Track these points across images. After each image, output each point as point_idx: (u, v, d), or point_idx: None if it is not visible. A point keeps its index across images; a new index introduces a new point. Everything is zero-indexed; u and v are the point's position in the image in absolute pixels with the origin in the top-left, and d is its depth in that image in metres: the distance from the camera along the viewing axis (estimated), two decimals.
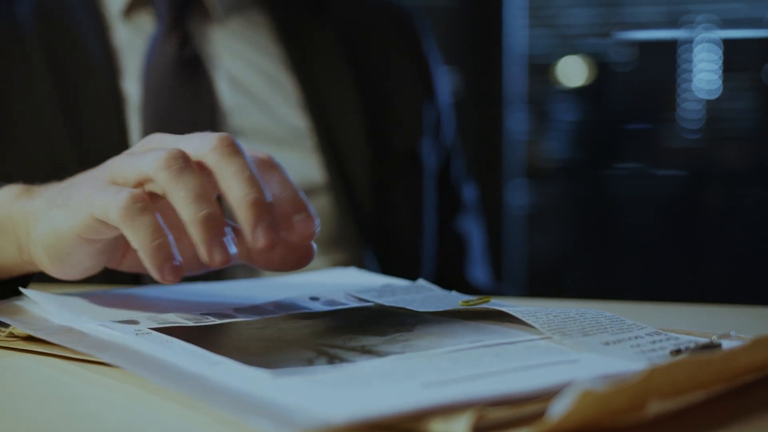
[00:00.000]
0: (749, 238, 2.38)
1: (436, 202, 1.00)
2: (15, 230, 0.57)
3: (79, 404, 0.44)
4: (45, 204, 0.55)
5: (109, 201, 0.51)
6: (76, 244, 0.54)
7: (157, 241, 0.50)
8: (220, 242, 0.50)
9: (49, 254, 0.55)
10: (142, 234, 0.50)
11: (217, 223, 0.50)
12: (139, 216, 0.50)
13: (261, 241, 0.50)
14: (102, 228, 0.52)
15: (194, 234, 0.50)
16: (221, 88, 0.88)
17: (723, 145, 2.39)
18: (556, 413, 0.35)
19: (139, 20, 0.89)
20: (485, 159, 2.20)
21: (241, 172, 0.51)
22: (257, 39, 0.93)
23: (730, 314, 0.67)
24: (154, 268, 0.50)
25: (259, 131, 0.88)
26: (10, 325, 0.53)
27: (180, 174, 0.50)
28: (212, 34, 0.91)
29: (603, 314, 0.52)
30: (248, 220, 0.50)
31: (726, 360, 0.42)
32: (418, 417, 0.37)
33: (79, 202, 0.52)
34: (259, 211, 0.50)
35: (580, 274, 2.48)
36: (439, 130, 1.02)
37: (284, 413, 0.37)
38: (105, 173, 0.54)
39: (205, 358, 0.46)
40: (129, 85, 0.86)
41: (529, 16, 2.33)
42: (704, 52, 2.32)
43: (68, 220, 0.53)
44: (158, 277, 0.50)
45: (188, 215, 0.50)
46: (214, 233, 0.50)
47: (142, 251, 0.50)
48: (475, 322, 0.53)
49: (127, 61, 0.87)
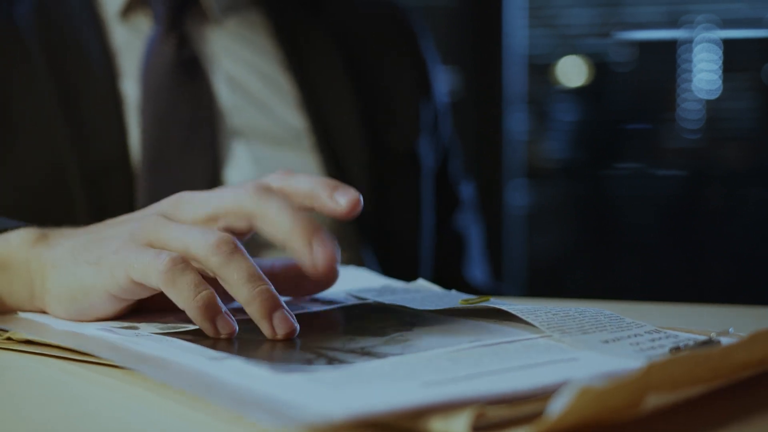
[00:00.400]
0: (749, 238, 2.38)
1: (434, 200, 1.00)
2: (29, 276, 0.57)
3: (79, 404, 0.44)
4: (68, 256, 0.55)
5: (150, 264, 0.51)
6: (105, 300, 0.54)
7: (200, 294, 0.50)
8: (281, 315, 0.50)
9: (66, 306, 0.55)
10: (185, 292, 0.50)
11: (274, 297, 0.51)
12: (181, 276, 0.50)
13: (319, 261, 0.52)
14: (138, 289, 0.53)
15: (254, 312, 0.50)
16: (219, 88, 0.89)
17: (723, 145, 2.39)
18: (554, 411, 0.35)
19: (136, 21, 0.89)
20: (485, 159, 2.20)
21: (282, 206, 0.53)
22: (254, 39, 0.93)
23: (730, 314, 0.67)
24: (205, 322, 0.50)
25: (258, 131, 0.88)
26: (8, 330, 0.54)
27: (231, 257, 0.51)
28: (210, 34, 0.91)
29: (602, 312, 0.53)
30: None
31: (724, 356, 0.42)
32: (417, 415, 0.37)
33: (114, 263, 0.52)
34: (310, 230, 0.52)
35: (580, 274, 2.48)
36: (436, 128, 1.02)
37: (284, 409, 0.37)
38: (140, 234, 0.53)
39: (204, 355, 0.46)
40: (128, 86, 0.86)
41: (529, 16, 2.33)
42: (704, 52, 2.32)
43: (100, 279, 0.53)
44: (212, 333, 0.51)
45: (245, 295, 0.50)
46: (271, 307, 0.50)
47: (189, 309, 0.51)
48: (474, 321, 0.53)
49: (126, 62, 0.87)
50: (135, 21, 0.89)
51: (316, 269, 0.52)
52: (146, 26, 0.89)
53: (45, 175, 0.82)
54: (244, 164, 0.86)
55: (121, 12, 0.89)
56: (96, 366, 0.48)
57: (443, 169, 1.03)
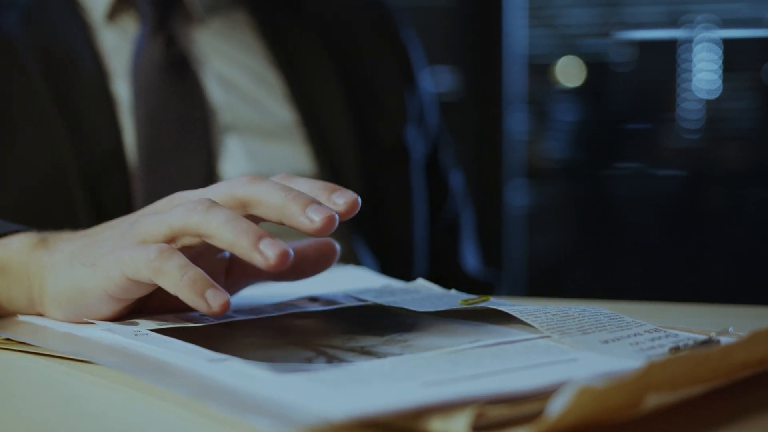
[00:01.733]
0: (749, 238, 2.38)
1: (425, 190, 1.01)
2: (29, 281, 0.57)
3: (79, 404, 0.44)
4: (65, 260, 0.55)
5: (139, 258, 0.51)
6: (103, 301, 0.54)
7: (186, 274, 0.50)
8: (270, 242, 0.50)
9: (64, 309, 0.55)
10: (173, 275, 0.50)
11: (258, 231, 0.50)
12: (167, 261, 0.51)
13: (318, 223, 0.51)
14: (134, 287, 0.53)
15: (240, 249, 0.50)
16: (210, 86, 0.90)
17: (723, 145, 2.39)
18: (554, 411, 0.35)
19: (123, 24, 0.91)
20: (485, 159, 2.20)
21: (273, 185, 0.52)
22: (240, 38, 0.94)
23: (730, 314, 0.67)
24: (196, 298, 0.50)
25: (250, 126, 0.90)
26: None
27: (208, 210, 0.51)
28: (195, 34, 0.93)
29: (602, 312, 0.53)
30: (296, 211, 0.51)
31: (724, 355, 0.42)
32: (417, 415, 0.37)
33: (109, 263, 0.53)
34: (304, 199, 0.51)
35: (580, 274, 2.48)
36: (422, 117, 1.03)
37: (284, 411, 0.37)
38: (132, 233, 0.54)
39: (204, 356, 0.46)
40: (119, 86, 0.87)
41: (529, 16, 2.33)
42: (704, 51, 2.32)
43: (97, 280, 0.53)
44: (205, 309, 0.50)
45: (227, 237, 0.50)
46: (257, 237, 0.50)
47: (179, 290, 0.50)
48: (474, 322, 0.54)
49: (115, 63, 0.88)
50: (122, 23, 0.91)
51: (313, 229, 0.51)
52: (133, 28, 0.90)
53: (45, 175, 0.83)
54: (239, 158, 0.88)
55: (107, 15, 0.90)
56: (96, 366, 0.48)
57: (433, 159, 1.05)
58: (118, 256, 0.52)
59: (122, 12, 0.91)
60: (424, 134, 1.03)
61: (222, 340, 0.51)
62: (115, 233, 0.55)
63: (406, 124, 0.99)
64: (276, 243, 0.50)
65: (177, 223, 0.52)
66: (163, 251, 0.51)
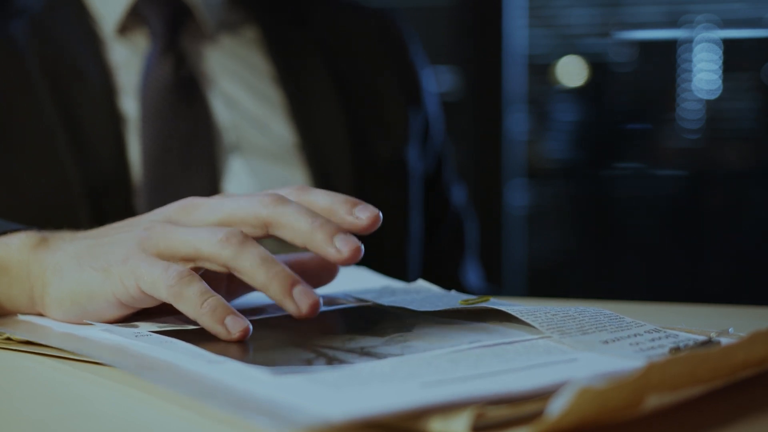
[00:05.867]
0: (749, 239, 2.38)
1: (426, 206, 1.01)
2: (29, 281, 0.57)
3: (79, 404, 0.44)
4: (71, 261, 0.55)
5: (159, 279, 0.51)
6: (112, 306, 0.54)
7: (206, 301, 0.51)
8: (301, 289, 0.51)
9: (66, 310, 0.55)
10: (193, 302, 0.51)
11: (291, 276, 0.52)
12: (187, 288, 0.51)
13: (345, 254, 0.52)
14: (148, 299, 0.53)
15: (274, 292, 0.51)
16: (216, 106, 0.90)
17: (723, 145, 2.39)
18: (554, 411, 0.35)
19: (134, 39, 0.90)
20: (485, 159, 2.20)
21: (298, 208, 0.53)
22: (248, 56, 0.94)
23: (730, 314, 0.67)
24: (216, 325, 0.51)
25: (254, 146, 0.89)
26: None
27: (242, 247, 0.52)
28: (205, 52, 0.92)
29: (602, 312, 0.53)
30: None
31: (724, 355, 0.42)
32: (417, 415, 0.37)
33: (124, 272, 0.53)
34: (330, 228, 0.52)
35: (580, 275, 2.47)
36: (427, 135, 1.03)
37: (284, 412, 0.37)
38: (150, 244, 0.54)
39: (204, 358, 0.46)
40: (126, 103, 0.87)
41: (529, 16, 2.33)
42: (704, 52, 2.32)
43: (108, 286, 0.53)
44: (225, 336, 0.51)
45: (260, 279, 0.51)
46: (290, 284, 0.51)
47: (198, 317, 0.51)
48: (474, 322, 0.54)
49: (124, 79, 0.88)
50: (132, 38, 0.90)
51: (340, 259, 0.52)
52: (144, 44, 0.90)
53: (48, 190, 0.83)
54: (243, 179, 0.87)
55: (118, 29, 0.89)
56: (96, 366, 0.48)
57: (437, 176, 1.04)
58: (134, 267, 0.52)
59: (133, 27, 0.90)
60: (429, 151, 1.03)
61: (222, 342, 0.51)
62: (127, 238, 0.55)
63: (407, 143, 0.98)
64: (308, 292, 0.51)
65: (206, 250, 0.52)
66: (183, 276, 0.51)
